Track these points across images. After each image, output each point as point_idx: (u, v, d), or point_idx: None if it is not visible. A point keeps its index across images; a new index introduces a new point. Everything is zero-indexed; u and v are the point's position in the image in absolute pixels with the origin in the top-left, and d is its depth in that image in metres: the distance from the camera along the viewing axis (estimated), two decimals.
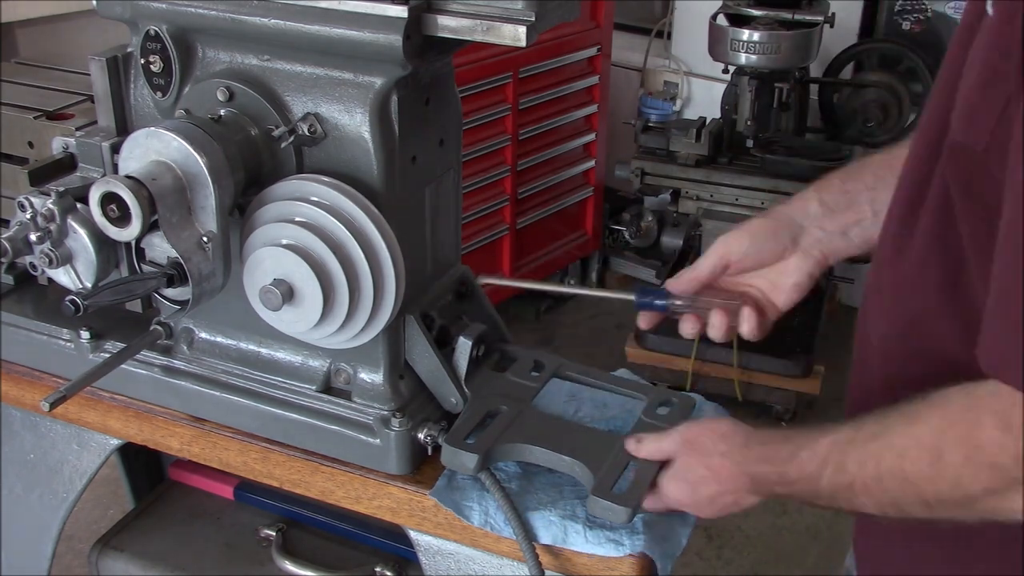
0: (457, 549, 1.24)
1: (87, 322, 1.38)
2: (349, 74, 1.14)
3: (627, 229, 3.83)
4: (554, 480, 1.24)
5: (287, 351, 1.29)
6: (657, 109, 4.04)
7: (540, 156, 3.55)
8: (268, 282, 1.15)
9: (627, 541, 1.15)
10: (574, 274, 3.99)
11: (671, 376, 3.18)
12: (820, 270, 1.22)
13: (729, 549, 2.80)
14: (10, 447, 1.51)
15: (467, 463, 1.19)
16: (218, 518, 1.67)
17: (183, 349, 1.34)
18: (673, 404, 1.30)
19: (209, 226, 1.13)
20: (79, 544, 2.16)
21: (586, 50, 3.59)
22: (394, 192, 1.17)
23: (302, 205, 1.14)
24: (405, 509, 1.25)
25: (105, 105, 1.29)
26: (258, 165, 1.17)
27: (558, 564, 1.18)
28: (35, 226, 1.20)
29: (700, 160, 3.25)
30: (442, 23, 1.07)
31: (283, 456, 1.30)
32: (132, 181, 1.08)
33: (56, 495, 1.50)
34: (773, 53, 3.18)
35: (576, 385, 1.36)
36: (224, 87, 1.17)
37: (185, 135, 1.10)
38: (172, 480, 1.75)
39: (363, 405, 1.25)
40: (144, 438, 1.40)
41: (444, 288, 1.32)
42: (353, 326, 1.18)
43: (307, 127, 1.16)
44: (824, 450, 0.99)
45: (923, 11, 3.68)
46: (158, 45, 1.19)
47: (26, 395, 1.44)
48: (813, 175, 3.47)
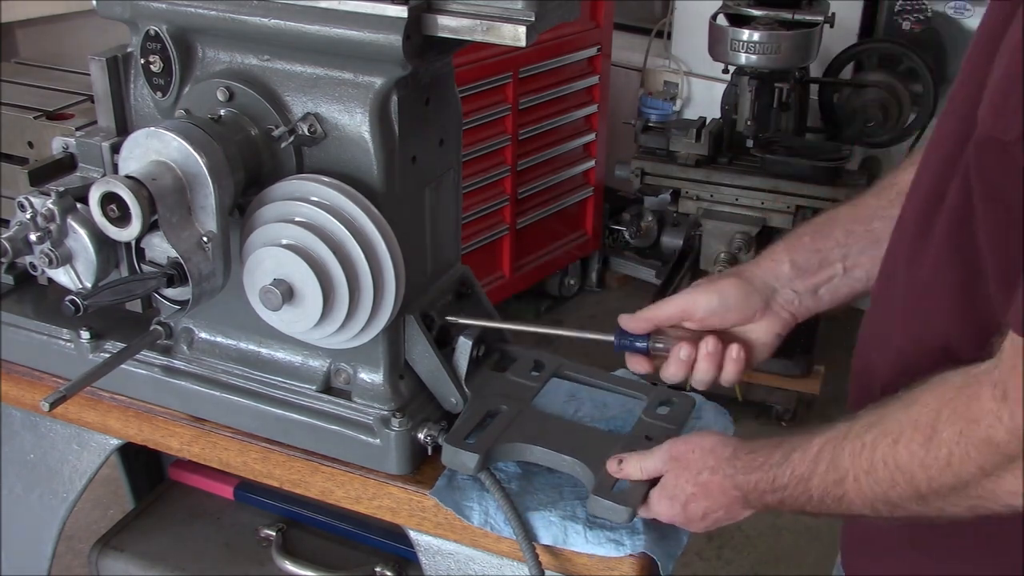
0: (457, 549, 1.24)
1: (87, 322, 1.38)
2: (349, 74, 1.14)
3: (627, 229, 3.84)
4: (554, 480, 1.24)
5: (287, 351, 1.29)
6: (657, 109, 4.04)
7: (540, 156, 3.55)
8: (268, 282, 1.15)
9: (627, 541, 1.15)
10: (574, 274, 3.99)
11: None
12: (787, 330, 1.22)
13: (729, 549, 2.81)
14: (10, 447, 1.51)
15: (467, 462, 1.19)
16: (218, 518, 1.67)
17: (183, 349, 1.34)
18: (673, 404, 1.30)
19: (209, 226, 1.13)
20: (79, 544, 2.16)
21: (586, 50, 3.59)
22: (394, 192, 1.17)
23: (302, 205, 1.14)
24: (405, 509, 1.25)
25: (105, 105, 1.29)
26: (258, 165, 1.17)
27: (558, 564, 1.18)
28: (35, 226, 1.20)
29: (700, 160, 3.25)
30: (442, 23, 1.07)
31: (283, 456, 1.30)
32: (132, 181, 1.08)
33: (56, 495, 1.50)
34: (773, 53, 3.18)
35: (576, 385, 1.36)
36: (224, 87, 1.17)
37: (185, 135, 1.10)
38: (172, 480, 1.75)
39: (363, 405, 1.25)
40: (144, 438, 1.39)
41: (444, 288, 1.32)
42: (353, 326, 1.18)
43: (307, 127, 1.16)
44: (817, 448, 0.98)
45: (923, 11, 3.67)
46: (158, 45, 1.19)
47: (26, 395, 1.44)
48: (813, 175, 3.47)
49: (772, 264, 1.20)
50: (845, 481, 0.95)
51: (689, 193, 3.28)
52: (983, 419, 0.84)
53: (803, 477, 0.99)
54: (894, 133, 3.61)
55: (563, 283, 3.95)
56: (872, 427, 0.94)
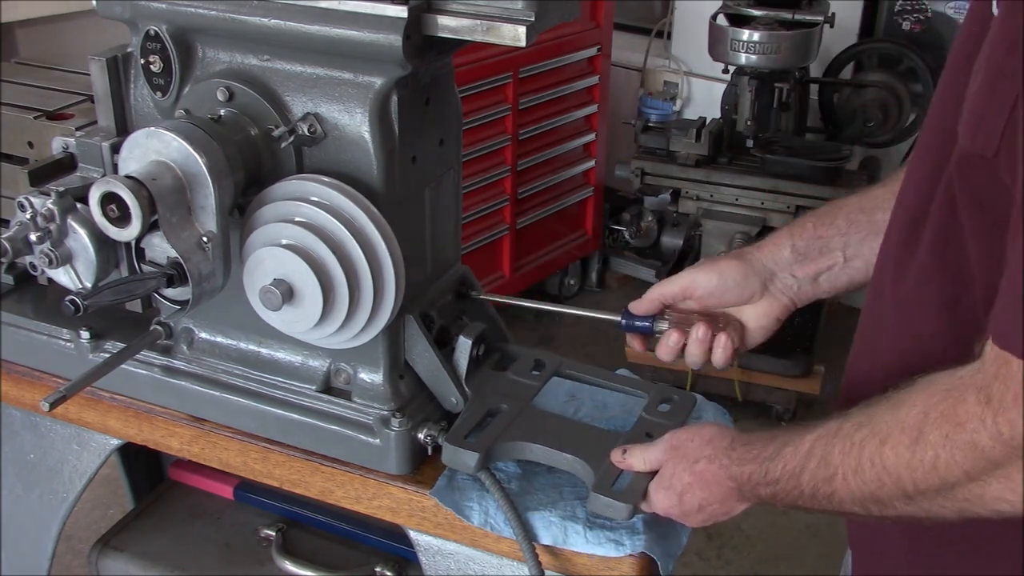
0: (457, 549, 1.24)
1: (87, 322, 1.38)
2: (349, 74, 1.14)
3: (627, 229, 3.84)
4: (554, 481, 1.24)
5: (287, 351, 1.29)
6: (657, 109, 4.04)
7: (540, 156, 3.55)
8: (268, 282, 1.15)
9: (627, 541, 1.15)
10: (574, 274, 3.99)
11: (671, 376, 3.17)
12: (787, 315, 1.23)
13: (729, 549, 2.81)
14: (10, 447, 1.51)
15: (468, 461, 1.19)
16: (218, 518, 1.67)
17: (183, 349, 1.34)
18: (674, 401, 1.30)
19: (209, 226, 1.13)
20: (79, 544, 2.16)
21: (586, 50, 3.59)
22: (394, 192, 1.17)
23: (302, 205, 1.14)
24: (405, 509, 1.25)
25: (105, 105, 1.29)
26: (258, 165, 1.17)
27: (558, 564, 1.18)
28: (35, 226, 1.20)
29: (700, 160, 3.25)
30: (442, 23, 1.07)
31: (283, 456, 1.30)
32: (132, 181, 1.08)
33: (56, 495, 1.50)
34: (773, 53, 3.18)
35: (576, 384, 1.36)
36: (224, 87, 1.17)
37: (185, 135, 1.10)
38: (172, 480, 1.75)
39: (363, 405, 1.25)
40: (144, 438, 1.40)
41: (444, 288, 1.32)
42: (353, 326, 1.18)
43: (307, 127, 1.16)
44: (809, 444, 0.98)
45: (923, 11, 3.68)
46: (158, 45, 1.19)
47: (26, 395, 1.44)
48: (813, 175, 3.47)
49: (774, 248, 1.22)
50: (835, 479, 0.95)
51: (689, 193, 3.28)
52: (968, 423, 0.84)
53: (794, 472, 0.99)
54: (894, 133, 3.61)
55: (563, 283, 3.95)
56: (862, 426, 0.94)
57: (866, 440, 0.93)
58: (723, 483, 1.07)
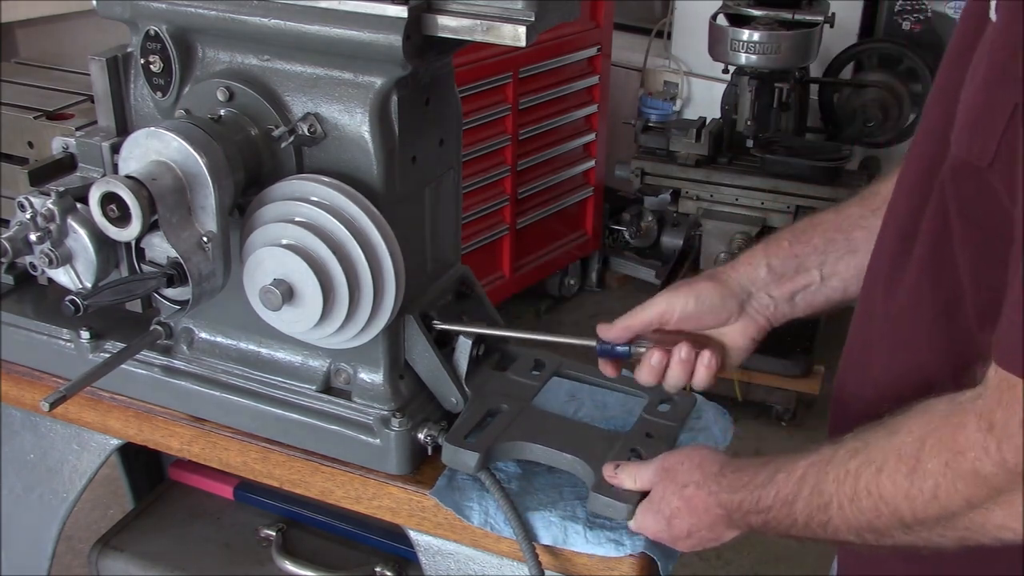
0: (457, 549, 1.24)
1: (87, 322, 1.38)
2: (349, 74, 1.14)
3: (627, 229, 3.84)
4: (554, 481, 1.24)
5: (287, 351, 1.29)
6: (657, 109, 4.04)
7: (540, 156, 3.55)
8: (268, 282, 1.15)
9: (627, 541, 1.15)
10: (574, 274, 3.99)
11: None
12: (763, 335, 1.21)
13: (729, 549, 2.80)
14: (10, 447, 1.51)
15: (468, 461, 1.19)
16: (218, 518, 1.67)
17: (183, 349, 1.34)
18: (674, 402, 1.30)
19: (209, 226, 1.13)
20: (79, 544, 2.16)
21: (586, 50, 3.59)
22: (394, 192, 1.17)
23: (302, 205, 1.14)
24: (405, 509, 1.25)
25: (105, 105, 1.29)
26: (258, 165, 1.17)
27: (558, 564, 1.18)
28: (35, 226, 1.20)
29: (700, 160, 3.25)
30: (442, 23, 1.07)
31: (283, 456, 1.30)
32: (132, 181, 1.08)
33: (56, 495, 1.50)
34: (773, 53, 3.18)
35: (576, 384, 1.36)
36: (224, 87, 1.17)
37: (185, 135, 1.10)
38: (172, 480, 1.75)
39: (363, 405, 1.25)
40: (144, 438, 1.40)
41: (444, 288, 1.32)
42: (353, 326, 1.18)
43: (307, 127, 1.16)
44: (802, 471, 0.96)
45: (923, 11, 3.68)
46: (158, 45, 1.19)
47: (26, 395, 1.44)
48: (813, 175, 3.47)
49: (749, 268, 1.19)
50: (830, 507, 0.93)
51: (689, 193, 3.28)
52: (969, 450, 0.82)
53: (787, 500, 0.97)
54: (894, 133, 3.62)
55: (563, 283, 3.95)
56: (856, 454, 0.92)
57: (861, 468, 0.91)
58: (712, 510, 1.06)
